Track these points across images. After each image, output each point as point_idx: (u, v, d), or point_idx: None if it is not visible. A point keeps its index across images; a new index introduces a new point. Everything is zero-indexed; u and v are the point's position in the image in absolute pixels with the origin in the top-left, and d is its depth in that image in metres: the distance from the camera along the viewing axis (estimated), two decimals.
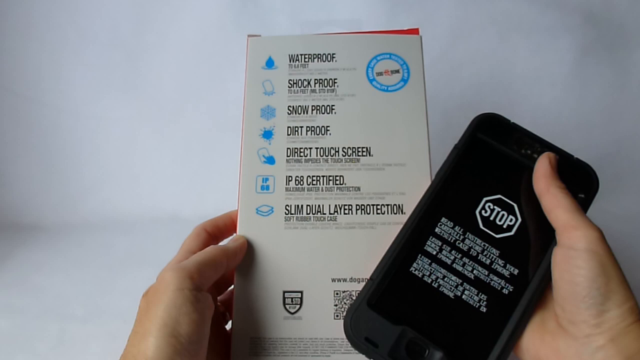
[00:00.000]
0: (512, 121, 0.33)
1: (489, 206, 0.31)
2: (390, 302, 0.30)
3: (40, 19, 0.68)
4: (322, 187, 0.36)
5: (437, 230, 0.31)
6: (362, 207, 0.35)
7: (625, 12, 0.67)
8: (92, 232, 0.66)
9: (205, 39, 0.69)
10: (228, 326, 0.36)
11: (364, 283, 0.30)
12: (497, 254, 0.30)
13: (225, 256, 0.32)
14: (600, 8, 0.67)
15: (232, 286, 0.35)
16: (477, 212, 0.31)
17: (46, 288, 0.57)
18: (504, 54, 0.67)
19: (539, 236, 0.30)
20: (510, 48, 0.67)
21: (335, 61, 0.38)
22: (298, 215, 0.35)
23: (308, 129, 0.37)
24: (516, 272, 0.30)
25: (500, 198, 0.32)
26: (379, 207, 0.35)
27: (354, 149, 0.36)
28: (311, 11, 0.68)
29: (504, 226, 0.31)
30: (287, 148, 0.37)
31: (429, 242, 0.31)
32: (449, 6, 0.67)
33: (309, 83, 0.38)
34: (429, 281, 0.30)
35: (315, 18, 0.67)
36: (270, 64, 0.39)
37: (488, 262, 0.30)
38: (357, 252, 0.34)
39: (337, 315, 0.33)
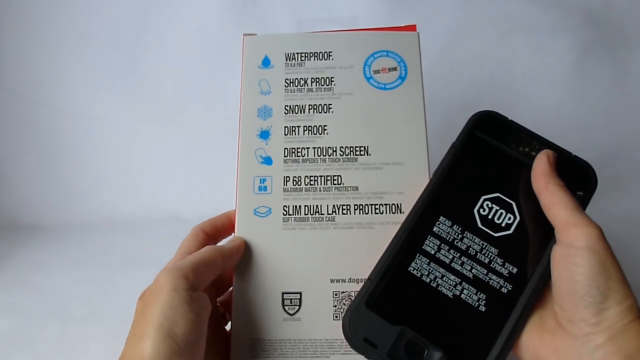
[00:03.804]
0: (510, 119, 0.33)
1: (487, 204, 0.31)
2: (389, 302, 0.29)
3: (40, 19, 0.68)
4: (320, 187, 0.35)
5: (435, 229, 0.31)
6: (361, 207, 0.35)
7: (625, 12, 0.67)
8: (92, 232, 0.66)
9: (205, 39, 0.68)
10: (228, 327, 0.36)
11: (363, 283, 0.30)
12: (496, 253, 0.30)
13: (221, 256, 0.32)
14: (600, 8, 0.67)
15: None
16: (475, 210, 0.31)
17: (46, 288, 0.57)
18: (504, 54, 0.67)
19: (537, 234, 0.30)
20: (510, 48, 0.67)
21: (332, 59, 0.38)
22: (296, 215, 0.35)
23: (305, 128, 0.37)
24: (515, 270, 0.30)
25: (498, 196, 0.31)
26: (377, 206, 0.35)
27: (351, 149, 0.36)
28: (311, 11, 0.68)
29: (503, 225, 0.31)
30: (285, 148, 0.36)
31: (427, 242, 0.31)
32: (449, 6, 0.67)
33: (305, 82, 0.38)
34: (428, 281, 0.30)
35: (315, 17, 0.67)
36: (266, 63, 0.39)
37: (487, 261, 0.30)
38: (355, 252, 0.34)
39: (337, 316, 0.33)
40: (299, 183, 0.36)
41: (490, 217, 0.31)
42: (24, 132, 0.70)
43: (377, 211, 0.35)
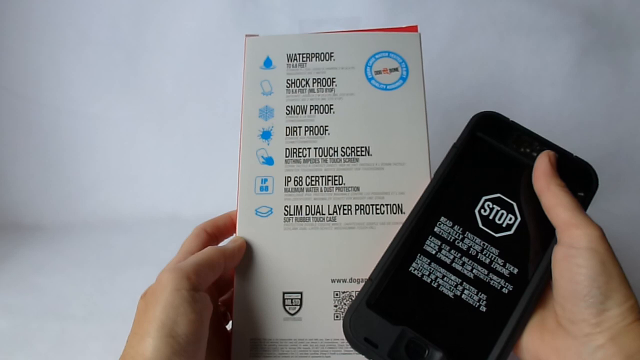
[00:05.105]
0: (511, 119, 0.33)
1: (488, 205, 0.31)
2: (390, 302, 0.30)
3: (40, 18, 0.68)
4: (321, 188, 0.36)
5: (436, 229, 0.31)
6: (362, 207, 0.35)
7: (625, 12, 0.67)
8: (92, 232, 0.66)
9: (205, 39, 0.69)
10: (229, 326, 0.36)
11: (364, 283, 0.30)
12: (497, 253, 0.30)
13: (223, 257, 0.32)
14: (600, 8, 0.67)
15: None
16: (476, 211, 0.31)
17: (46, 288, 0.57)
18: (504, 54, 0.67)
19: (538, 235, 0.30)
20: (510, 48, 0.67)
21: (334, 60, 0.38)
22: (297, 215, 0.35)
23: (307, 129, 0.37)
24: (516, 271, 0.30)
25: (499, 197, 0.32)
26: (378, 207, 0.35)
27: (352, 149, 0.36)
28: (311, 11, 0.68)
29: (504, 225, 0.31)
30: (286, 148, 0.36)
31: (428, 242, 0.31)
32: (449, 6, 0.67)
33: (307, 82, 0.38)
34: (429, 281, 0.30)
35: (315, 18, 0.67)
36: (268, 63, 0.39)
37: (487, 261, 0.30)
38: (356, 252, 0.34)
39: (337, 316, 0.33)
40: (300, 183, 0.36)
41: (491, 217, 0.31)
42: (24, 132, 0.70)
43: (378, 211, 0.35)
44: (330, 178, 0.36)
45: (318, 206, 0.35)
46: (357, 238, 0.34)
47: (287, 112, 0.37)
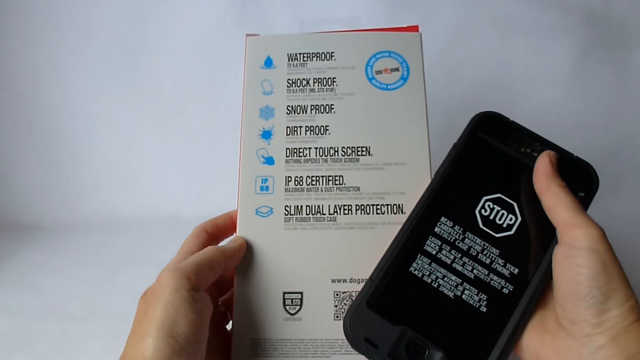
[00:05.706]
0: (511, 119, 0.33)
1: (488, 205, 0.31)
2: (390, 303, 0.30)
3: (40, 18, 0.68)
4: (321, 188, 0.35)
5: (436, 229, 0.31)
6: (362, 207, 0.35)
7: (625, 12, 0.67)
8: (92, 232, 0.66)
9: (205, 39, 0.69)
10: (229, 326, 0.36)
11: (364, 283, 0.30)
12: (497, 254, 0.30)
13: (223, 256, 0.32)
14: (600, 8, 0.67)
15: None
16: (476, 211, 0.31)
17: (46, 288, 0.57)
18: (504, 54, 0.67)
19: (539, 235, 0.30)
20: (510, 48, 0.67)
21: (334, 60, 0.38)
22: (297, 215, 0.35)
23: (307, 128, 0.37)
24: (516, 271, 0.30)
25: (500, 197, 0.31)
26: (378, 207, 0.35)
27: (353, 149, 0.36)
28: (311, 11, 0.68)
29: (504, 225, 0.31)
30: (287, 148, 0.36)
31: (428, 242, 0.31)
32: (449, 6, 0.67)
33: (307, 82, 0.38)
34: (429, 281, 0.30)
35: (315, 18, 0.67)
36: (269, 63, 0.39)
37: (488, 261, 0.30)
38: (357, 252, 0.34)
39: (337, 316, 0.33)
40: (301, 183, 0.36)
41: (491, 217, 0.31)
42: (24, 132, 0.70)
43: (379, 211, 0.35)
44: (330, 178, 0.36)
45: (318, 206, 0.35)
46: (357, 238, 0.34)
47: (288, 112, 0.37)
